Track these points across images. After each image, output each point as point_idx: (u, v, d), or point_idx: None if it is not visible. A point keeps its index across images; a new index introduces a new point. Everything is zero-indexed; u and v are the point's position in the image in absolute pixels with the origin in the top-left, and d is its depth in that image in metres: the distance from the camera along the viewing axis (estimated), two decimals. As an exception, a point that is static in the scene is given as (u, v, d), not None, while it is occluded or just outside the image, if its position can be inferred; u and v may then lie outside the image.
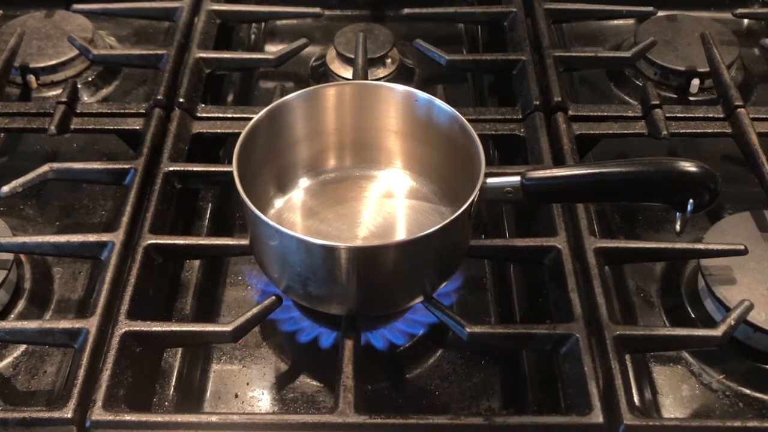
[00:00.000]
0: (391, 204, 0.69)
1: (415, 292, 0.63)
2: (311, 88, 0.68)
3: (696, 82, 0.90)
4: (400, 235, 0.68)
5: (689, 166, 0.59)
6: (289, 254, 0.59)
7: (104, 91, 0.93)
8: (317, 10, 0.95)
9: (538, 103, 0.81)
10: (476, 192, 0.59)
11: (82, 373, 0.59)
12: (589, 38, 1.01)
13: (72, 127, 0.80)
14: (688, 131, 0.80)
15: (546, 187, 0.62)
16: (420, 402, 0.66)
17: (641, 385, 0.65)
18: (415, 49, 0.90)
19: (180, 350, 0.68)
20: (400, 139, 0.71)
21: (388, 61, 0.93)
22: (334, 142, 0.72)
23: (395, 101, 0.68)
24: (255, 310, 0.62)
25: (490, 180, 0.60)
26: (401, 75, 0.94)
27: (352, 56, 0.88)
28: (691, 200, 0.58)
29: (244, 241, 0.66)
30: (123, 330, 0.61)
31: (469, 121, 0.63)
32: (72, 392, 0.58)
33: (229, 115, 0.81)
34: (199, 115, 0.82)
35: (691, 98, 0.90)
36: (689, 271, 0.72)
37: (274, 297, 0.63)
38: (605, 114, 0.82)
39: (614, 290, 0.68)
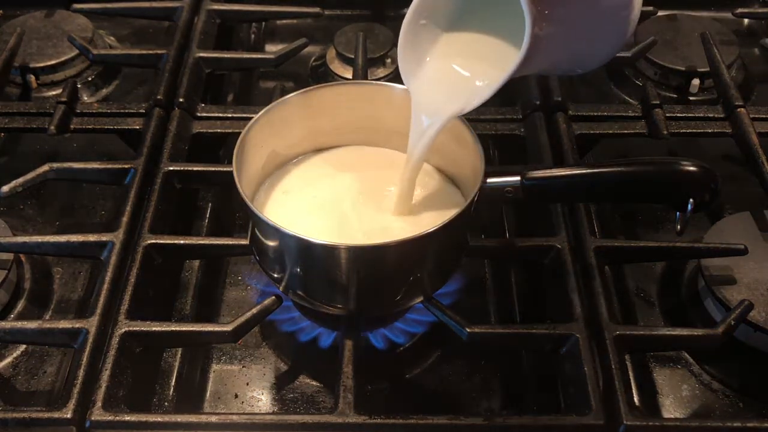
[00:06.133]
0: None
1: (415, 292, 0.63)
2: (311, 87, 0.68)
3: (696, 82, 0.90)
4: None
5: (689, 166, 0.59)
6: (289, 254, 0.59)
7: (104, 91, 0.93)
8: (317, 10, 0.95)
9: (538, 102, 0.81)
10: (476, 192, 0.59)
11: (81, 373, 0.59)
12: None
13: (72, 127, 0.80)
14: (688, 131, 0.80)
15: (546, 187, 0.62)
16: (420, 402, 0.66)
17: (641, 385, 0.65)
18: (415, 49, 0.90)
19: (180, 350, 0.68)
20: (400, 139, 0.71)
21: (388, 61, 0.93)
22: (333, 141, 0.72)
23: (395, 101, 0.68)
24: (255, 310, 0.62)
25: (490, 180, 0.60)
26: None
27: (352, 56, 0.87)
28: (691, 200, 0.58)
29: (244, 241, 0.66)
30: (123, 330, 0.61)
31: (469, 121, 0.63)
32: (72, 392, 0.58)
33: (229, 115, 0.81)
34: (198, 114, 0.82)
35: (691, 98, 0.90)
36: (689, 271, 0.72)
37: (274, 297, 0.63)
38: (605, 114, 0.82)
39: (614, 290, 0.68)
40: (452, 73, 0.60)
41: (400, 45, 0.59)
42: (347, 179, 0.69)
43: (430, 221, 0.64)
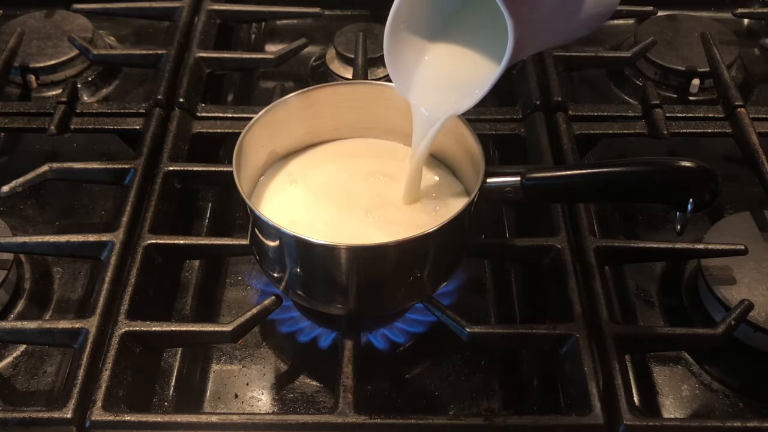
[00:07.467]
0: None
1: (415, 291, 0.63)
2: (311, 87, 0.68)
3: (696, 82, 0.90)
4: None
5: (689, 166, 0.59)
6: (289, 254, 0.59)
7: (104, 91, 0.93)
8: (317, 10, 0.95)
9: (538, 102, 0.81)
10: (476, 192, 0.59)
11: (81, 373, 0.59)
12: (589, 38, 1.00)
13: (72, 127, 0.80)
14: (688, 131, 0.80)
15: (546, 187, 0.62)
16: (420, 402, 0.66)
17: (641, 385, 0.65)
18: (415, 49, 0.90)
19: (180, 350, 0.68)
20: (399, 139, 0.71)
21: (388, 61, 0.93)
22: (333, 141, 0.72)
23: (395, 101, 0.68)
24: (255, 310, 0.62)
25: (490, 180, 0.60)
26: (401, 75, 0.94)
27: (352, 56, 0.88)
28: (691, 200, 0.58)
29: (244, 241, 0.66)
30: (123, 330, 0.61)
31: (469, 121, 0.63)
32: (72, 392, 0.58)
33: (229, 115, 0.81)
34: (199, 114, 0.82)
35: (691, 98, 0.90)
36: (689, 271, 0.72)
37: (274, 297, 0.63)
38: (605, 114, 0.82)
39: (614, 290, 0.68)
40: (444, 73, 0.60)
41: (386, 50, 0.60)
42: (349, 169, 0.69)
43: (432, 212, 0.65)
